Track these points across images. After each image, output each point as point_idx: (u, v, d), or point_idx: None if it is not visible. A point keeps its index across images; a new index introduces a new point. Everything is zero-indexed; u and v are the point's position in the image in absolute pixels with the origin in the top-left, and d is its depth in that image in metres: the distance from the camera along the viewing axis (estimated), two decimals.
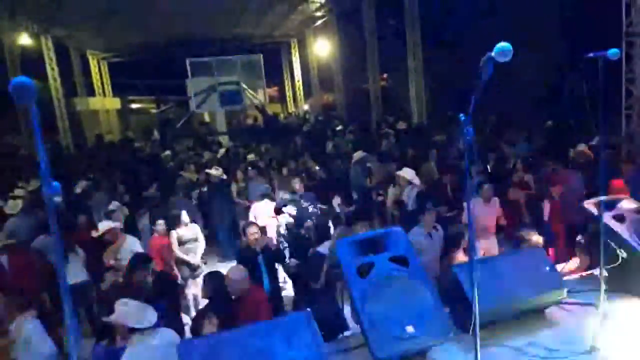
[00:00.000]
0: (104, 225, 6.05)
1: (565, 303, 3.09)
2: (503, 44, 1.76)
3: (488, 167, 8.78)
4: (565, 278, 3.33)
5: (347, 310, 4.55)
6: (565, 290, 3.02)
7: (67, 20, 17.37)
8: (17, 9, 15.31)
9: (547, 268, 3.04)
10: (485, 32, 19.00)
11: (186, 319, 5.79)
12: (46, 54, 18.31)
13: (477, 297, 2.21)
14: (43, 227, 6.37)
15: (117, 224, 6.18)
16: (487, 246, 6.19)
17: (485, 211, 6.30)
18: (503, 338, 2.78)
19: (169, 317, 4.59)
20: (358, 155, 9.71)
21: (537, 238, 4.41)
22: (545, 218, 6.40)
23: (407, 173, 7.64)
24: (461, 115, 2.00)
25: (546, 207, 6.46)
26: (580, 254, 4.23)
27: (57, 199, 1.31)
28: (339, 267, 2.88)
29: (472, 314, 2.78)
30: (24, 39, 17.37)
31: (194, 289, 6.41)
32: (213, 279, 4.51)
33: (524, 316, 2.97)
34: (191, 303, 6.50)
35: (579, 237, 4.38)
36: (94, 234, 6.27)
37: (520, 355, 2.65)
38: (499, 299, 2.86)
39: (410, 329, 2.54)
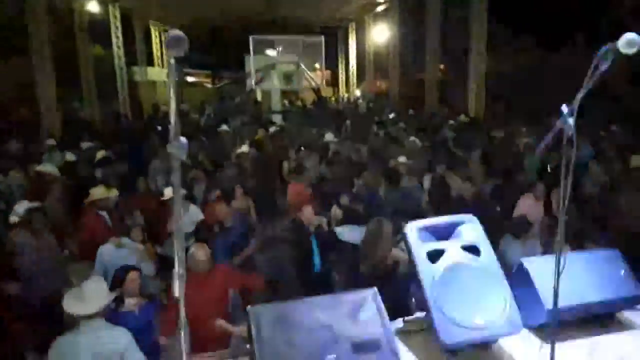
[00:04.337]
0: (169, 192, 6.22)
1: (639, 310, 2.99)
2: (631, 35, 1.67)
3: (549, 167, 8.49)
4: None
5: None
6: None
7: None
8: None
9: (622, 271, 2.94)
10: (553, 30, 18.38)
11: None
12: (112, 22, 18.87)
13: (557, 294, 2.16)
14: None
15: (182, 191, 6.36)
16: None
17: (534, 209, 6.27)
18: (571, 338, 2.71)
19: None
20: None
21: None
22: None
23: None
24: (563, 106, 1.93)
25: None
26: None
27: (183, 156, 1.35)
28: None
29: (541, 310, 2.75)
30: (93, 6, 17.94)
31: None
32: None
33: (594, 318, 2.89)
34: None
35: None
36: (161, 199, 6.45)
37: (590, 357, 2.58)
38: (568, 298, 2.78)
39: (479, 319, 2.51)
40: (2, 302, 4.55)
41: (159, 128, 13.98)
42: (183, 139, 1.37)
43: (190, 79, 32.74)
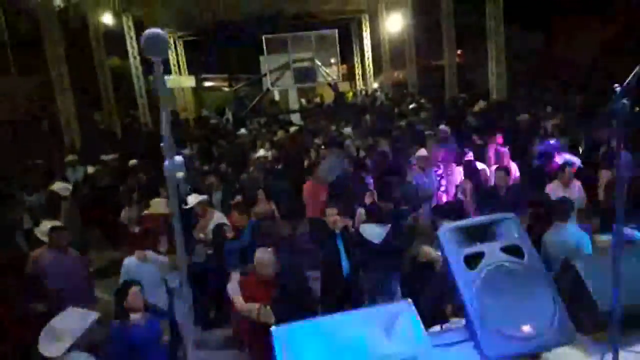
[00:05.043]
0: (193, 199, 6.13)
1: None
2: None
3: (580, 148, 8.12)
4: None
5: None
6: None
7: None
8: None
9: None
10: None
11: None
12: (127, 32, 18.99)
13: (616, 296, 1.92)
14: None
15: (206, 197, 6.29)
16: None
17: (562, 195, 5.93)
18: (632, 342, 2.45)
19: None
20: None
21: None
22: None
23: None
24: (616, 85, 1.70)
25: None
26: None
27: (180, 174, 1.19)
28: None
29: (595, 314, 2.50)
30: (107, 18, 18.06)
31: None
32: None
33: None
34: None
35: None
36: (184, 206, 6.37)
37: None
38: (623, 296, 2.52)
39: (526, 328, 2.28)
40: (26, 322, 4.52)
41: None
42: (178, 158, 1.20)
43: (207, 83, 32.78)
